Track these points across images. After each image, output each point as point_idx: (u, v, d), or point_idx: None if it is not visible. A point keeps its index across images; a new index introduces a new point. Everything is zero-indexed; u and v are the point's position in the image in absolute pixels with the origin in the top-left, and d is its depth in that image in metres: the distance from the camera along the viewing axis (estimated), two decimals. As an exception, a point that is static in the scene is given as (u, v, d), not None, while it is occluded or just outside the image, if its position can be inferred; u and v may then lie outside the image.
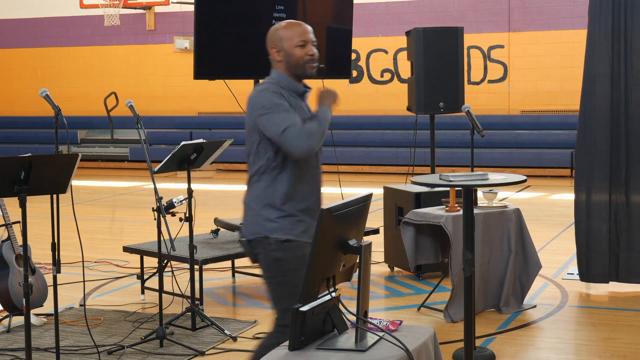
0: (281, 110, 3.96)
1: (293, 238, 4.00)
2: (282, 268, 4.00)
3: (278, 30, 4.17)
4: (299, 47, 4.12)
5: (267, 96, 4.01)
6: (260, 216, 4.03)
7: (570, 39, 15.66)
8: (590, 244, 7.02)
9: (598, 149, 6.97)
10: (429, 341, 3.59)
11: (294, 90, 4.12)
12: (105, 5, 17.00)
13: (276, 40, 4.15)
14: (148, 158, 5.71)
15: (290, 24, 4.19)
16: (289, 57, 4.11)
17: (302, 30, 4.16)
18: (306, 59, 4.14)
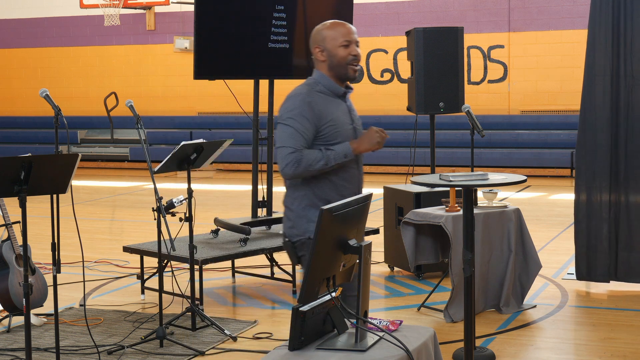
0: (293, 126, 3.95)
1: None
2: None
3: (322, 29, 4.13)
4: (343, 47, 4.07)
5: (295, 104, 4.00)
6: (303, 217, 4.01)
7: (570, 39, 15.66)
8: (591, 244, 7.02)
9: (598, 148, 6.97)
10: (429, 341, 3.59)
11: (333, 91, 4.09)
12: (105, 5, 17.00)
13: (319, 40, 4.11)
14: (148, 158, 5.72)
15: (335, 23, 4.14)
16: (332, 57, 4.08)
17: (346, 30, 4.11)
18: (349, 59, 4.08)
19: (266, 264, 7.78)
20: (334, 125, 4.03)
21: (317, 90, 4.06)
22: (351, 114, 4.15)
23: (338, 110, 4.07)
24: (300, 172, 3.96)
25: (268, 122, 7.86)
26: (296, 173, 3.97)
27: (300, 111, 3.98)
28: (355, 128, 4.16)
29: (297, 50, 7.80)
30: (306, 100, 4.00)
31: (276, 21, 7.57)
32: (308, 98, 4.01)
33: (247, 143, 9.59)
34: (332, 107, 4.06)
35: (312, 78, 4.13)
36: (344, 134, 4.07)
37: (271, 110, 7.94)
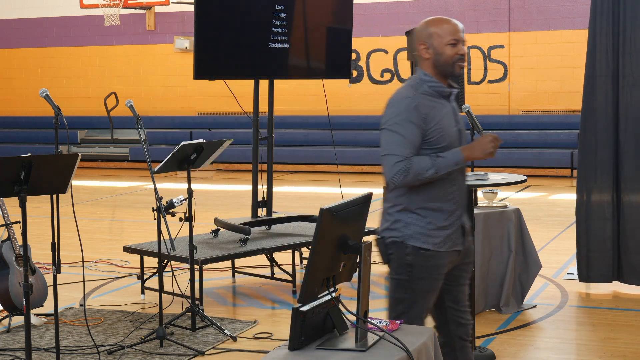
0: (400, 132, 3.82)
1: (430, 248, 3.88)
2: (413, 273, 3.89)
3: (428, 26, 4.00)
4: (450, 46, 3.92)
5: (401, 109, 3.84)
6: (399, 221, 3.93)
7: (570, 39, 15.66)
8: (592, 244, 7.01)
9: (599, 149, 6.97)
10: (429, 341, 3.59)
11: (438, 92, 3.93)
12: (105, 5, 17.00)
13: (425, 37, 3.97)
14: (148, 158, 5.71)
15: (442, 20, 4.02)
16: (439, 55, 3.92)
17: (454, 28, 3.96)
18: (456, 58, 3.92)
19: (266, 264, 7.78)
20: (440, 129, 3.86)
21: (422, 92, 3.90)
22: (456, 115, 4.00)
23: (443, 112, 3.91)
24: (408, 181, 3.83)
25: (268, 122, 7.86)
26: (405, 182, 3.84)
27: (407, 116, 3.82)
28: (460, 130, 4.00)
29: (297, 50, 7.80)
30: (412, 104, 3.84)
31: (276, 21, 7.57)
32: (414, 102, 3.85)
33: (247, 143, 9.58)
34: (437, 109, 3.90)
35: (415, 78, 3.98)
36: (450, 137, 3.91)
37: (271, 110, 7.94)
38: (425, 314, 3.98)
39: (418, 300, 3.92)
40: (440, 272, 3.93)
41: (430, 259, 3.89)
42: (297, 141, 16.90)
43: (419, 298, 3.92)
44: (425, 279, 3.90)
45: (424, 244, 3.88)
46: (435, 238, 3.89)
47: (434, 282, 3.93)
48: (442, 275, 3.95)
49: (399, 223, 3.94)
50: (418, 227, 3.90)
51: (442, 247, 3.90)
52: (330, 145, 15.51)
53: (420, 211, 3.90)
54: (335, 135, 15.02)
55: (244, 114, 9.38)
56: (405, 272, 3.91)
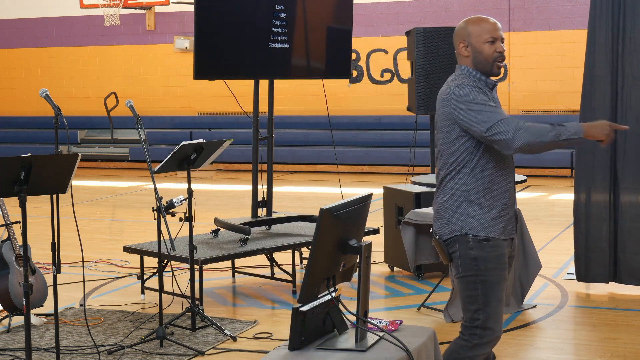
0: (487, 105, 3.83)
1: (493, 236, 3.89)
2: (479, 267, 3.89)
3: (467, 25, 4.06)
4: (489, 44, 3.98)
5: (468, 91, 3.88)
6: (458, 213, 3.91)
7: (570, 39, 15.66)
8: (590, 244, 7.02)
9: (598, 149, 6.96)
10: (429, 341, 3.59)
11: (485, 83, 4.00)
12: (105, 5, 17.01)
13: (465, 36, 4.03)
14: (148, 158, 5.71)
15: (480, 19, 4.06)
16: (478, 53, 3.98)
17: (492, 26, 4.02)
18: (495, 56, 3.98)
19: (266, 264, 7.78)
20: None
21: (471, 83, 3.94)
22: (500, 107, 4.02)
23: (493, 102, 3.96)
24: (531, 139, 3.73)
25: (268, 122, 7.86)
26: (528, 140, 3.73)
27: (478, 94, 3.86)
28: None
29: (296, 50, 7.80)
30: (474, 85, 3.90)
31: (276, 21, 7.57)
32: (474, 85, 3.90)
33: (247, 143, 9.59)
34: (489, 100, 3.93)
35: (461, 72, 4.01)
36: None
37: (271, 110, 7.94)
38: (500, 310, 3.94)
39: (491, 294, 3.89)
40: (504, 260, 3.94)
41: (494, 248, 3.90)
42: (297, 141, 16.90)
43: (491, 292, 3.89)
44: (493, 270, 3.89)
45: (487, 233, 3.88)
46: (496, 226, 3.91)
47: (502, 271, 3.93)
48: (506, 264, 3.95)
49: (458, 215, 3.92)
50: (478, 216, 3.89)
51: (502, 235, 3.93)
52: (330, 145, 15.52)
53: (480, 200, 3.90)
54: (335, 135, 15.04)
55: (244, 114, 9.38)
56: (472, 267, 3.90)
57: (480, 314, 3.87)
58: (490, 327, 3.92)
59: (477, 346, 3.92)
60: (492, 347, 3.99)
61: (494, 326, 3.92)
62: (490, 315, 3.87)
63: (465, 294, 3.95)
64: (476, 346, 3.92)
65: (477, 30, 4.00)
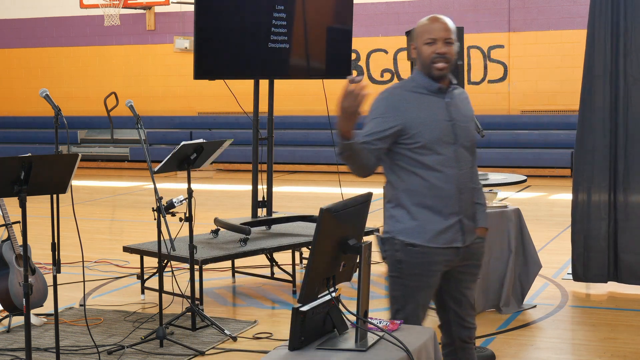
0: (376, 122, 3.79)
1: (419, 243, 3.85)
2: (403, 270, 3.88)
3: (417, 26, 3.97)
4: (427, 45, 3.86)
5: (377, 103, 3.85)
6: (390, 216, 3.94)
7: (570, 39, 15.66)
8: (589, 244, 7.01)
9: (597, 149, 6.96)
10: (429, 341, 3.59)
11: (426, 88, 3.89)
12: (105, 5, 17.00)
13: (413, 38, 3.95)
14: (148, 158, 5.71)
15: (429, 19, 3.97)
16: (419, 55, 3.90)
17: (433, 26, 3.91)
18: (432, 57, 3.85)
19: (266, 264, 7.78)
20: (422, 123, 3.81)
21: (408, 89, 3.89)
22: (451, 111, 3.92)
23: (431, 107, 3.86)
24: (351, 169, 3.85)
25: (268, 122, 7.86)
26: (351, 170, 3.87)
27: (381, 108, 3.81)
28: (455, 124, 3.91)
29: (296, 50, 7.80)
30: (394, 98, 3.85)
31: (276, 21, 7.57)
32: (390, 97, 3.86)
33: (247, 143, 9.58)
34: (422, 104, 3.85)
35: (410, 75, 4.01)
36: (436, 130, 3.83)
37: (271, 110, 7.94)
38: (421, 312, 3.94)
39: (411, 297, 3.90)
40: (433, 269, 3.88)
41: (420, 255, 3.85)
42: (297, 141, 16.90)
43: (412, 295, 3.89)
44: (416, 276, 3.87)
45: (413, 239, 3.85)
46: (426, 233, 3.85)
47: (426, 278, 3.89)
48: (435, 272, 3.90)
49: (392, 219, 3.94)
50: (407, 222, 3.88)
51: (434, 243, 3.85)
52: (330, 145, 15.49)
53: (412, 207, 3.87)
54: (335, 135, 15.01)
55: (244, 114, 9.38)
56: (396, 269, 3.92)
57: (399, 314, 3.90)
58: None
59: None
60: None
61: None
62: (409, 318, 3.87)
63: (389, 294, 4.00)
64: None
65: (419, 32, 3.92)
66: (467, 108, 4.06)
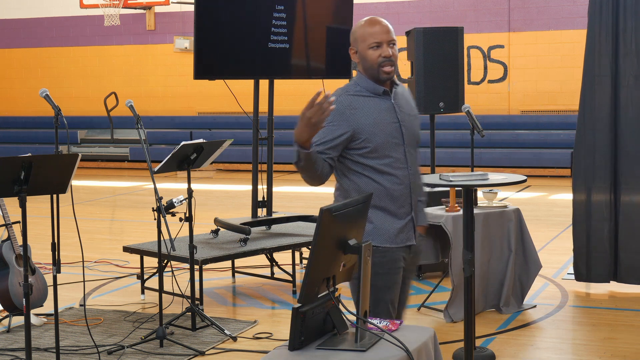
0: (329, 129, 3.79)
1: (379, 244, 3.88)
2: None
3: (355, 29, 3.94)
4: (373, 49, 3.86)
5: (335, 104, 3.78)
6: None
7: (570, 39, 15.66)
8: (590, 244, 7.02)
9: (598, 148, 6.97)
10: (429, 341, 3.59)
11: (371, 91, 3.89)
12: (105, 5, 17.01)
13: (353, 41, 3.93)
14: (148, 158, 5.72)
15: (368, 22, 3.95)
16: (363, 59, 3.89)
17: (376, 30, 3.90)
18: (380, 61, 3.85)
19: (266, 264, 7.78)
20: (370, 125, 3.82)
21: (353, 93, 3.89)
22: (398, 112, 3.92)
23: (378, 109, 3.87)
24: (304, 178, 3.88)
25: (268, 122, 7.86)
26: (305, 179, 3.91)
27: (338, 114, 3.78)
28: (402, 125, 3.92)
29: (296, 50, 7.80)
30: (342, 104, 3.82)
31: (276, 21, 7.57)
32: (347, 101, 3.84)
33: (247, 143, 9.59)
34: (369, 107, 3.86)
35: (353, 79, 3.97)
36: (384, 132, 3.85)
37: (271, 110, 7.94)
38: (391, 310, 4.00)
39: (380, 297, 3.94)
40: (397, 265, 3.96)
41: (382, 255, 3.91)
42: (297, 141, 16.88)
43: (381, 294, 3.93)
44: (383, 275, 3.91)
45: (373, 242, 3.86)
46: (384, 235, 3.90)
47: (393, 277, 3.95)
48: (400, 269, 3.97)
49: None
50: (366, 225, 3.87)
51: (393, 244, 3.91)
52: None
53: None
54: (335, 135, 15.00)
55: (244, 114, 9.38)
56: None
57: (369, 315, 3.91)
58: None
59: None
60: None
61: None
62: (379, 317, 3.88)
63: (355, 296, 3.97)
64: None
65: (361, 36, 3.89)
66: (410, 106, 4.05)
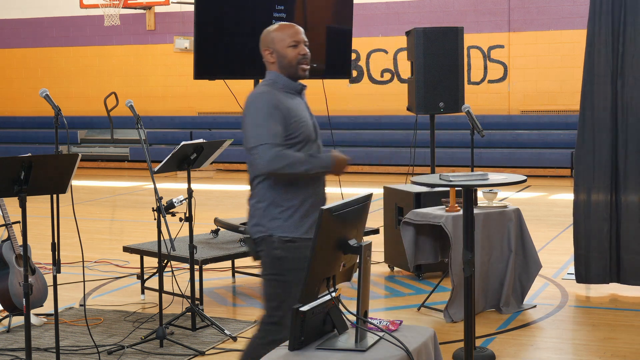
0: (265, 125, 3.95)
1: (297, 236, 4.03)
2: (283, 267, 4.04)
3: (270, 32, 4.21)
4: (291, 48, 4.13)
5: (263, 103, 4.02)
6: (265, 214, 4.05)
7: (570, 39, 15.66)
8: (591, 245, 7.01)
9: (598, 149, 6.96)
10: (429, 341, 3.59)
11: (291, 88, 4.15)
12: (105, 5, 17.01)
13: (269, 43, 4.19)
14: (148, 158, 5.71)
15: (282, 25, 4.22)
16: (282, 58, 4.14)
17: (293, 31, 4.17)
18: (298, 59, 4.13)
19: (266, 264, 7.77)
20: (299, 122, 4.06)
21: (278, 89, 4.10)
22: (308, 110, 4.21)
23: (299, 107, 4.13)
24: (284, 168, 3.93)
25: (268, 122, 7.86)
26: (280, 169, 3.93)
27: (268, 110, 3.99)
28: (314, 124, 4.21)
29: (297, 50, 7.79)
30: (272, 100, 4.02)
31: (276, 21, 7.57)
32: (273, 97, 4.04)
33: (247, 143, 9.57)
34: (294, 104, 4.10)
35: (267, 79, 4.18)
36: (307, 130, 4.11)
37: (271, 110, 7.94)
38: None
39: (289, 293, 4.00)
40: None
41: (298, 250, 4.00)
42: (297, 141, 16.88)
43: (290, 290, 4.00)
44: (296, 270, 3.96)
45: (292, 234, 4.01)
46: (303, 227, 4.03)
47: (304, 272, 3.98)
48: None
49: (265, 218, 4.05)
50: (283, 219, 4.03)
51: (309, 235, 3.99)
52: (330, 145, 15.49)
53: (285, 203, 4.03)
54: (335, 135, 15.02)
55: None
56: (276, 267, 4.05)
57: (278, 311, 4.05)
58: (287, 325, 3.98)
59: (273, 342, 3.99)
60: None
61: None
62: (287, 314, 3.92)
63: (266, 292, 4.16)
64: (272, 342, 4.00)
65: (279, 36, 4.16)
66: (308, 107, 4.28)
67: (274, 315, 4.08)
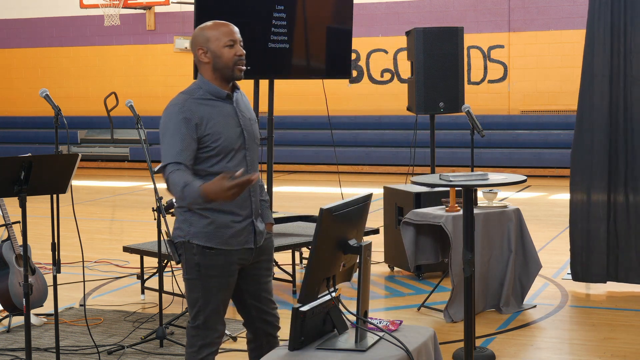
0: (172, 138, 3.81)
1: (214, 246, 3.90)
2: (201, 272, 3.93)
3: (204, 30, 3.95)
4: (228, 48, 3.90)
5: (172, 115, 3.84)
6: (184, 220, 3.95)
7: (570, 39, 15.66)
8: (589, 244, 7.01)
9: (596, 148, 6.96)
10: (429, 341, 3.59)
11: (216, 95, 3.93)
12: (105, 5, 17.00)
13: (203, 42, 3.92)
14: (148, 158, 5.71)
15: (217, 24, 3.97)
16: (217, 58, 3.91)
17: (229, 29, 3.93)
18: (235, 60, 3.91)
19: (266, 264, 7.77)
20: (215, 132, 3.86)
21: (197, 97, 3.90)
22: (240, 117, 3.99)
23: (221, 114, 3.92)
24: (169, 186, 3.84)
25: (268, 122, 7.86)
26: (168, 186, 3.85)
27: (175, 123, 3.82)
28: (244, 130, 3.99)
29: (297, 50, 7.80)
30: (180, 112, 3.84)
31: (276, 21, 7.57)
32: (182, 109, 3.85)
33: (247, 143, 9.57)
34: (213, 112, 3.89)
35: (194, 84, 3.99)
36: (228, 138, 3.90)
37: (271, 110, 7.94)
38: (222, 310, 4.04)
39: (211, 298, 3.96)
40: (231, 269, 3.96)
41: (216, 257, 3.92)
42: (297, 141, 16.90)
43: (212, 296, 3.96)
44: (215, 277, 3.93)
45: (208, 243, 3.91)
46: (221, 236, 3.92)
47: (225, 279, 3.96)
48: (233, 272, 3.98)
49: (185, 223, 3.97)
50: (201, 226, 3.92)
51: (227, 246, 3.92)
52: (330, 145, 15.51)
53: (203, 211, 3.90)
54: (335, 135, 15.02)
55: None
56: (194, 272, 3.95)
57: (201, 315, 3.97)
58: (212, 327, 4.01)
59: (204, 347, 3.99)
60: (218, 345, 4.08)
61: (216, 325, 4.02)
62: (211, 316, 3.96)
63: (188, 295, 4.03)
64: (203, 347, 3.99)
65: (215, 35, 3.91)
66: (249, 111, 4.11)
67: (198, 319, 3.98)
